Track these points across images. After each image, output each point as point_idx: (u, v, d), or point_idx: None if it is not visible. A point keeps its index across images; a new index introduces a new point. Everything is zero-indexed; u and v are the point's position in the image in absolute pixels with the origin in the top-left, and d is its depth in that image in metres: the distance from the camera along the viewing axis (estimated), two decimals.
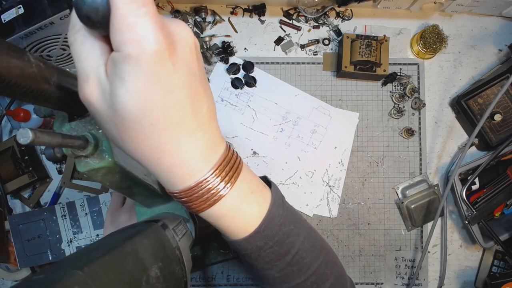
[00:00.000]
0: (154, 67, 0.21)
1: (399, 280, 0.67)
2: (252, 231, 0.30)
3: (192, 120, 0.24)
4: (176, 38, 0.22)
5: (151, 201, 0.41)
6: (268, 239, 0.30)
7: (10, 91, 0.22)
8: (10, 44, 0.22)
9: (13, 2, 0.49)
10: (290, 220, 0.32)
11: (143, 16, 0.20)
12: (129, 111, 0.22)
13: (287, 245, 0.32)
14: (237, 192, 0.28)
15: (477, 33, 0.70)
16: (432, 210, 0.66)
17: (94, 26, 0.21)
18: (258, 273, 0.34)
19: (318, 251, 0.34)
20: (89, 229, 0.63)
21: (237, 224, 0.29)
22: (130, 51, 0.20)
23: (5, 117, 0.64)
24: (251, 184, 0.30)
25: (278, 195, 0.33)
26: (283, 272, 0.32)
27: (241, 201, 0.28)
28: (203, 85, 0.25)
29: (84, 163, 0.28)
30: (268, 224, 0.30)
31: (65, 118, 0.29)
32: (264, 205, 0.30)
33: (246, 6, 0.68)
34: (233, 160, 0.28)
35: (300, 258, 0.32)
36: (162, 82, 0.22)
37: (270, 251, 0.31)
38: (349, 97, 0.68)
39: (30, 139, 0.20)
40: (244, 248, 0.31)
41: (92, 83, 0.22)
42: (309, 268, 0.33)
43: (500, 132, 0.64)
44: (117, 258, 0.23)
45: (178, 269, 0.30)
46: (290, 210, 0.33)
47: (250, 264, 0.33)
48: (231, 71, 0.66)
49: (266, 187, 0.32)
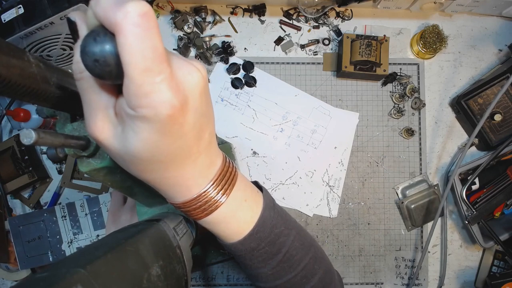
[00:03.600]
0: (167, 125, 0.22)
1: (399, 280, 0.67)
2: (246, 234, 0.32)
3: (196, 149, 0.26)
4: (187, 89, 0.22)
5: (152, 200, 0.41)
6: (261, 240, 0.32)
7: (10, 91, 0.22)
8: (10, 44, 0.22)
9: (13, 2, 0.49)
10: (281, 221, 0.35)
11: (159, 84, 0.20)
12: (140, 154, 0.23)
13: (278, 245, 0.34)
14: (232, 201, 0.30)
15: (477, 33, 0.70)
16: (432, 210, 0.66)
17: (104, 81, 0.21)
18: (252, 272, 0.36)
19: (307, 249, 0.37)
20: (89, 229, 0.63)
21: (232, 229, 0.31)
22: (145, 113, 0.21)
23: (5, 117, 0.64)
24: (245, 192, 0.32)
25: (269, 199, 0.35)
26: (275, 270, 0.35)
27: (236, 208, 0.30)
28: (208, 115, 0.26)
29: (86, 163, 0.28)
30: (261, 227, 0.32)
31: (67, 119, 0.29)
32: (256, 210, 0.33)
33: (246, 6, 0.68)
34: (229, 172, 0.30)
35: (290, 256, 0.35)
36: (173, 134, 0.23)
37: (263, 251, 0.33)
38: (349, 97, 0.68)
39: (34, 140, 0.20)
40: (239, 250, 0.33)
41: (101, 122, 0.23)
42: (299, 264, 0.36)
43: (500, 132, 0.64)
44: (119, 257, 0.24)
45: (179, 267, 0.30)
46: (280, 212, 0.36)
47: (244, 264, 0.35)
48: (231, 71, 0.66)
49: (258, 193, 0.34)
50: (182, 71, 0.22)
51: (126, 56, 0.19)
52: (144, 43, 0.19)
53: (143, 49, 0.19)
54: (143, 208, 0.45)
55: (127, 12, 0.18)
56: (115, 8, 0.19)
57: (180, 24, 0.66)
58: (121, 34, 0.19)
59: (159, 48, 0.20)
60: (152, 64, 0.19)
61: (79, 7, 0.49)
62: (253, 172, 0.67)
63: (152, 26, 0.19)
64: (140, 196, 0.38)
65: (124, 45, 0.19)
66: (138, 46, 0.19)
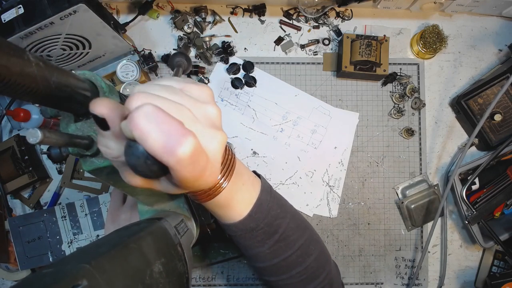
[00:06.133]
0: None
1: (399, 280, 0.67)
2: (245, 215, 0.35)
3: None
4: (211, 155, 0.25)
5: (154, 199, 0.41)
6: (259, 221, 0.36)
7: (10, 90, 0.22)
8: (10, 43, 0.22)
9: (13, 2, 0.49)
10: (277, 205, 0.38)
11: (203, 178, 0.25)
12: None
13: (275, 226, 0.37)
14: (232, 185, 0.32)
15: (477, 33, 0.70)
16: (432, 210, 0.66)
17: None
18: (251, 252, 0.39)
19: (303, 230, 0.40)
20: (89, 230, 0.63)
21: (233, 210, 0.35)
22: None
23: (5, 117, 0.64)
24: (243, 177, 0.35)
25: (266, 184, 0.38)
26: (272, 249, 0.38)
27: (235, 191, 0.33)
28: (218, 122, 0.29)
29: (89, 162, 0.28)
30: (258, 208, 0.36)
31: (71, 119, 0.29)
32: (254, 194, 0.36)
33: (246, 6, 0.68)
34: (230, 159, 0.32)
35: (286, 236, 0.38)
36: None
37: (261, 231, 0.36)
38: (349, 97, 0.68)
39: (40, 139, 0.21)
40: (239, 229, 0.36)
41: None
42: (294, 244, 0.39)
43: (500, 132, 0.64)
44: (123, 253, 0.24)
45: (180, 265, 0.31)
46: (276, 196, 0.39)
47: (244, 244, 0.38)
48: (231, 71, 0.66)
49: (256, 178, 0.38)
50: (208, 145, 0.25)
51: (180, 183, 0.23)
52: (195, 172, 0.23)
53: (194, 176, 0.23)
54: (144, 207, 0.45)
55: (180, 159, 0.21)
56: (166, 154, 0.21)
57: (180, 24, 0.66)
58: (174, 171, 0.22)
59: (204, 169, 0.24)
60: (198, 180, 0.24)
61: (78, 7, 0.49)
62: None
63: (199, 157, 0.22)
64: (142, 195, 0.38)
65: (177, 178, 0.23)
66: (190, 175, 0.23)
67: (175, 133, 0.21)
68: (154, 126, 0.20)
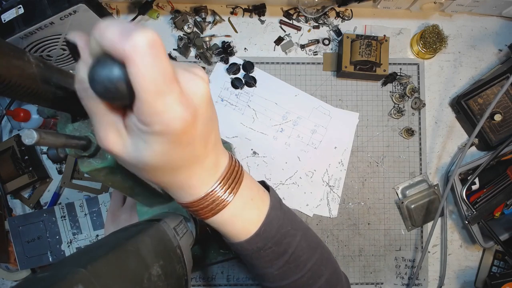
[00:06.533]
0: (179, 137, 0.23)
1: (399, 280, 0.67)
2: (253, 234, 0.32)
3: (203, 152, 0.26)
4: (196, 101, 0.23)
5: (153, 200, 0.41)
6: (267, 240, 0.32)
7: (10, 91, 0.22)
8: (10, 44, 0.22)
9: (13, 2, 0.49)
10: (287, 221, 0.34)
11: (171, 102, 0.21)
12: (152, 163, 0.24)
13: (285, 245, 0.34)
14: (239, 200, 0.30)
15: (477, 33, 0.70)
16: (432, 210, 0.66)
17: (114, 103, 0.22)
18: (258, 272, 0.36)
19: (314, 249, 0.37)
20: (89, 230, 0.63)
21: (239, 228, 0.31)
22: (158, 129, 0.21)
23: (5, 117, 0.64)
24: (252, 191, 0.32)
25: (276, 199, 0.35)
26: (281, 270, 0.34)
27: (242, 207, 0.31)
28: (213, 118, 0.27)
29: (86, 163, 0.28)
30: (267, 226, 0.32)
31: (68, 119, 0.29)
32: (263, 209, 0.33)
33: (246, 6, 0.68)
34: (236, 171, 0.30)
35: (297, 256, 0.35)
36: (184, 143, 0.23)
37: (269, 251, 0.33)
38: (349, 97, 0.68)
39: (35, 140, 0.21)
40: (245, 249, 0.33)
41: (112, 136, 0.23)
42: (305, 265, 0.35)
43: (500, 132, 0.64)
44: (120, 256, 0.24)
45: (179, 267, 0.30)
46: (287, 212, 0.36)
47: (251, 263, 0.35)
48: (231, 71, 0.66)
49: (265, 192, 0.34)
50: (189, 84, 0.23)
51: (138, 83, 0.20)
52: (154, 69, 0.20)
53: (154, 75, 0.20)
54: (143, 208, 0.45)
55: (135, 43, 0.19)
56: (123, 40, 0.19)
57: (180, 24, 0.66)
58: (131, 64, 0.19)
59: (168, 71, 0.20)
60: (163, 86, 0.20)
61: (78, 7, 0.49)
62: (253, 172, 0.67)
63: (160, 52, 0.20)
64: (141, 196, 0.38)
65: (135, 73, 0.19)
66: (149, 74, 0.19)
67: (134, 27, 0.20)
68: (115, 23, 0.20)
